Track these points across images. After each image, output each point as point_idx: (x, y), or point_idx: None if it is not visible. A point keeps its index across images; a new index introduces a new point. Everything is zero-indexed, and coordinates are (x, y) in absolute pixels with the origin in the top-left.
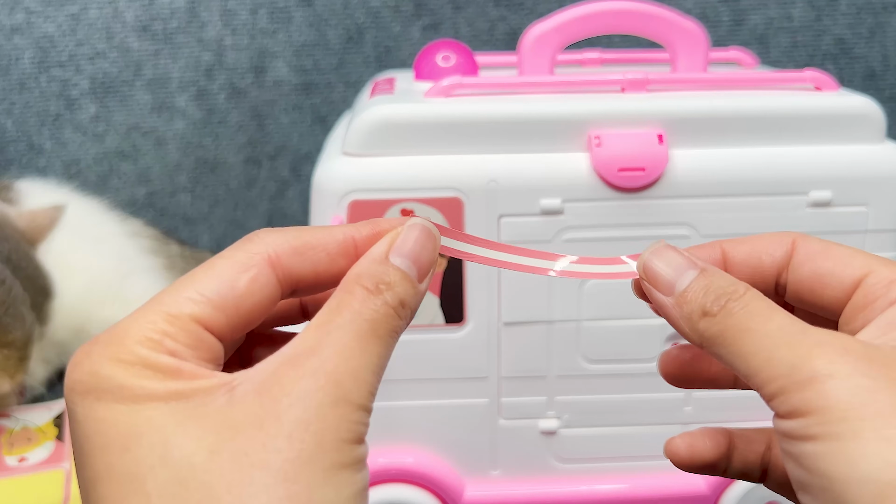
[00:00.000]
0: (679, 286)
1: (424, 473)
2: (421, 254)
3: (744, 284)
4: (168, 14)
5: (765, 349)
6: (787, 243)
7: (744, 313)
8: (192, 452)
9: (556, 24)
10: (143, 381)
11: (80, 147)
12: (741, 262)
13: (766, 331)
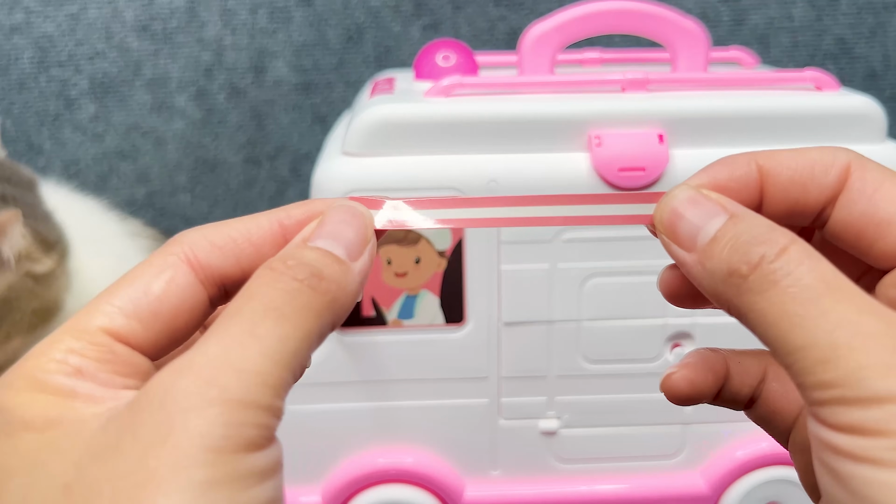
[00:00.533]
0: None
1: (424, 473)
2: (343, 232)
3: (787, 235)
4: (167, 14)
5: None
6: (840, 168)
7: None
8: (48, 488)
9: (557, 23)
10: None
11: (80, 147)
12: (781, 190)
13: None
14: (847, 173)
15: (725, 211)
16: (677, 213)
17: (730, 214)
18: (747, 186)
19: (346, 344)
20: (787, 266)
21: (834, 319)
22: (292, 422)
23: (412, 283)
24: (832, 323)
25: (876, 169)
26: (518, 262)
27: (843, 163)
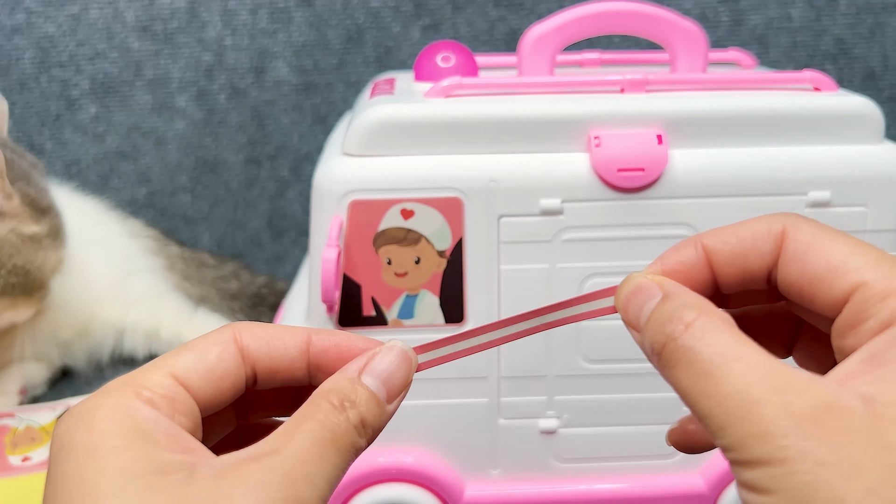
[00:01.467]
0: (642, 319)
1: (424, 473)
2: (393, 375)
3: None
4: (168, 14)
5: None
6: (776, 235)
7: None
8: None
9: (556, 24)
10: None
11: (81, 147)
12: (726, 265)
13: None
14: (783, 238)
15: (661, 292)
16: (627, 299)
17: (663, 295)
18: (696, 266)
19: None
20: (689, 342)
21: (725, 391)
22: None
23: (412, 282)
24: (724, 395)
25: (808, 229)
26: (518, 262)
27: (778, 229)
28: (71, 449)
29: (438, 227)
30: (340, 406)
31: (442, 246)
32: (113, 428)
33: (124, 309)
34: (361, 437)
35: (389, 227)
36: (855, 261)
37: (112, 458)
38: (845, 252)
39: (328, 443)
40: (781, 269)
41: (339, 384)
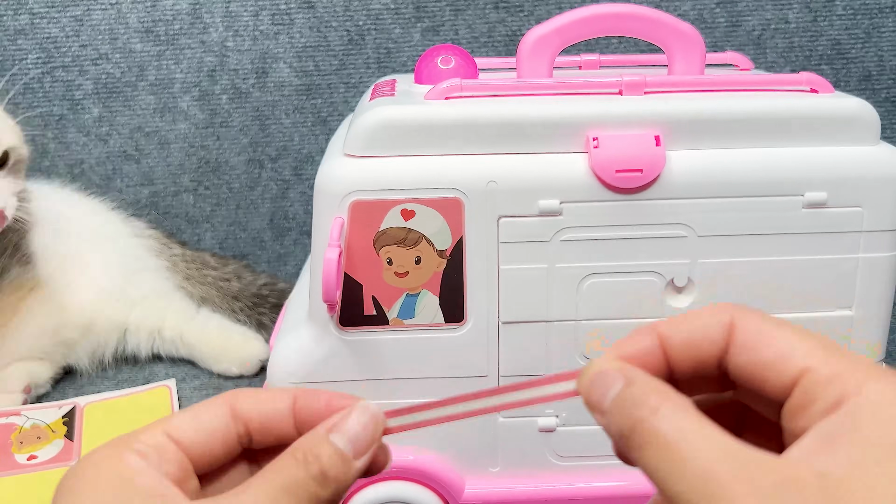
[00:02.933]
0: (606, 404)
1: (425, 470)
2: (360, 434)
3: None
4: (171, 17)
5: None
6: (725, 325)
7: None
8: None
9: (555, 26)
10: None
11: (84, 148)
12: (680, 352)
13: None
14: (732, 328)
15: (624, 378)
16: (590, 384)
17: (626, 381)
18: (652, 353)
19: (347, 343)
20: (656, 424)
21: (693, 471)
22: None
23: (412, 282)
24: (692, 474)
25: (755, 321)
26: (517, 262)
27: (727, 320)
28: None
29: (438, 228)
30: (303, 460)
31: (442, 246)
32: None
33: (127, 308)
34: (323, 488)
35: (390, 228)
36: (801, 347)
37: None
38: (792, 340)
39: (282, 491)
40: (732, 356)
41: (306, 441)
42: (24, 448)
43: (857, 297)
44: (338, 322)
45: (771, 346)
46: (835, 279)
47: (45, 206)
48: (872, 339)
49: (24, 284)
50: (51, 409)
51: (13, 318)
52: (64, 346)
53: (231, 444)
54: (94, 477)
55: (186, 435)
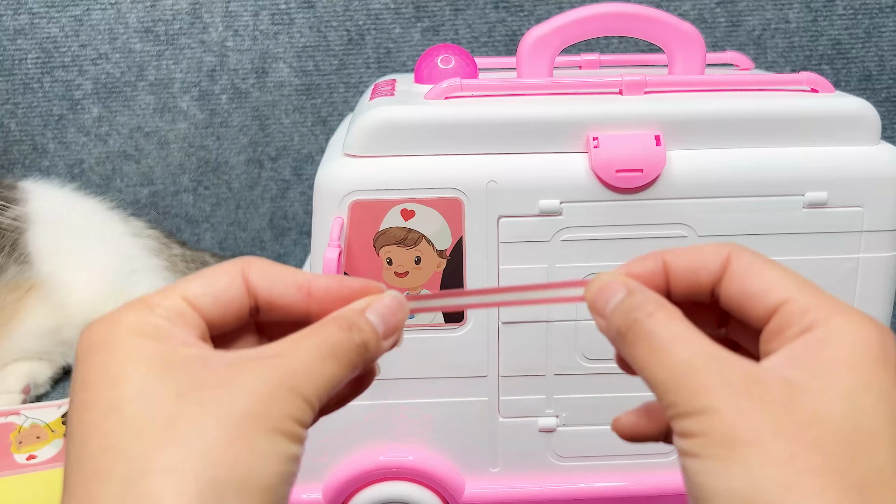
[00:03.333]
0: (609, 308)
1: (425, 471)
2: (391, 317)
3: (656, 304)
4: (171, 17)
5: (664, 381)
6: (723, 258)
7: (647, 339)
8: (165, 394)
9: (555, 26)
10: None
11: (84, 148)
12: (680, 276)
13: (666, 361)
14: (728, 262)
15: (626, 288)
16: (596, 292)
17: (628, 291)
18: (655, 274)
19: None
20: (650, 325)
21: (675, 362)
22: None
23: (413, 282)
24: (672, 364)
25: (749, 257)
26: (517, 262)
27: (725, 254)
28: (97, 346)
29: (438, 228)
30: (348, 328)
31: (442, 246)
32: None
33: None
34: (360, 356)
35: (390, 228)
36: (784, 282)
37: (134, 351)
38: (777, 276)
39: (329, 353)
40: (724, 286)
41: (347, 313)
42: (23, 448)
43: (858, 296)
44: None
45: (758, 280)
46: (835, 279)
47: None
48: None
49: (23, 284)
50: (50, 409)
51: (12, 317)
52: (63, 345)
53: (242, 314)
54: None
55: (202, 301)
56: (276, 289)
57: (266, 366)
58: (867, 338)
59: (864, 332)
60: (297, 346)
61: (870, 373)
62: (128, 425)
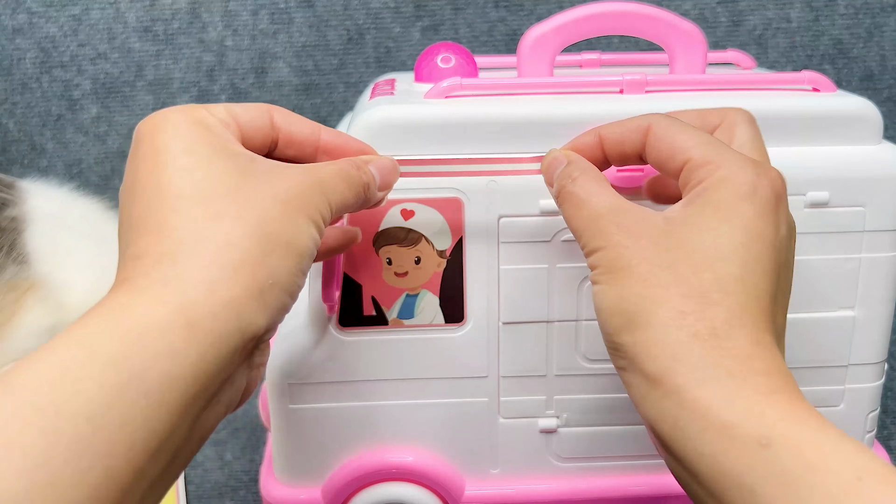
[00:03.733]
0: (554, 177)
1: (425, 472)
2: (387, 175)
3: (581, 170)
4: (169, 15)
5: (584, 231)
6: (644, 128)
7: (570, 200)
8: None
9: (556, 25)
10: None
11: (82, 148)
12: (612, 147)
13: (584, 216)
14: (648, 131)
15: (567, 160)
16: (547, 165)
17: (567, 162)
18: (594, 147)
19: (346, 344)
20: (572, 188)
21: (586, 213)
22: (293, 421)
23: (412, 282)
24: (585, 216)
25: (665, 124)
26: (517, 262)
27: (646, 125)
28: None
29: (438, 227)
30: (357, 168)
31: (442, 246)
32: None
33: None
34: (363, 193)
35: (390, 227)
36: (688, 143)
37: (188, 137)
38: (684, 138)
39: (345, 178)
40: (647, 152)
41: (355, 159)
42: None
43: (860, 296)
44: (337, 322)
45: (669, 144)
46: (837, 279)
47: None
48: (875, 339)
49: (21, 284)
50: None
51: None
52: None
53: (266, 144)
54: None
55: (243, 120)
56: (294, 129)
57: (302, 170)
58: (740, 179)
59: (741, 175)
60: (323, 166)
61: (734, 208)
62: (199, 185)
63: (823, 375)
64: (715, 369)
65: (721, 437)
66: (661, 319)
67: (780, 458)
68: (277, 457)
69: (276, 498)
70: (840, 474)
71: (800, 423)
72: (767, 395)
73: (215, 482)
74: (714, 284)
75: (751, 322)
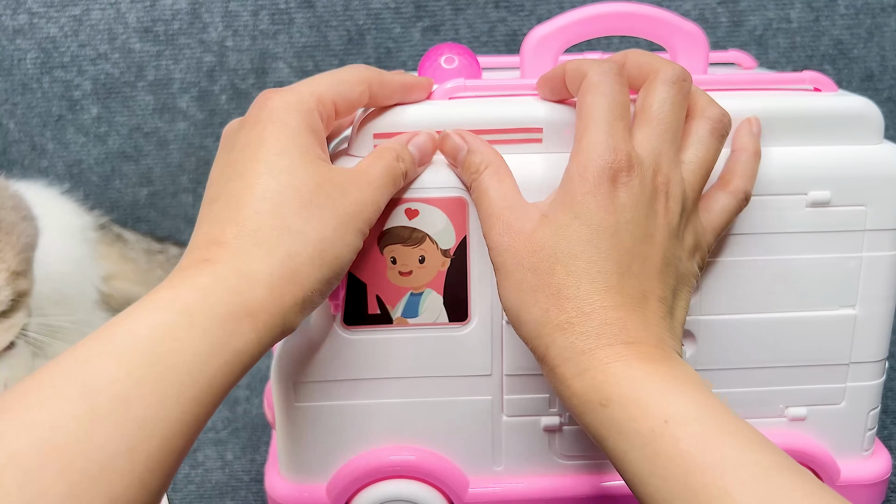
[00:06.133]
0: (459, 160)
1: (429, 469)
2: (425, 150)
3: (481, 160)
4: (170, 16)
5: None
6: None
7: (478, 191)
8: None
9: (559, 26)
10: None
11: (83, 148)
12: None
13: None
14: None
15: (468, 147)
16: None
17: (468, 149)
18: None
19: (351, 342)
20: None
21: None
22: (299, 419)
23: (417, 281)
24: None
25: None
26: None
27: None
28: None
29: (442, 227)
30: (398, 159)
31: (446, 245)
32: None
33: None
34: (402, 180)
35: (394, 227)
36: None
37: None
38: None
39: (389, 176)
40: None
41: (396, 146)
42: None
43: (861, 295)
44: (342, 321)
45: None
46: (838, 278)
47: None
48: (876, 338)
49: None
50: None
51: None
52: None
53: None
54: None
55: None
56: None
57: (362, 180)
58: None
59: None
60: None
61: (580, 204)
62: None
63: (824, 373)
64: (571, 351)
65: (580, 402)
66: (534, 317)
67: (614, 414)
68: (282, 454)
69: (282, 495)
70: (652, 419)
71: (631, 384)
72: (608, 363)
73: (216, 482)
74: (566, 280)
75: (599, 305)
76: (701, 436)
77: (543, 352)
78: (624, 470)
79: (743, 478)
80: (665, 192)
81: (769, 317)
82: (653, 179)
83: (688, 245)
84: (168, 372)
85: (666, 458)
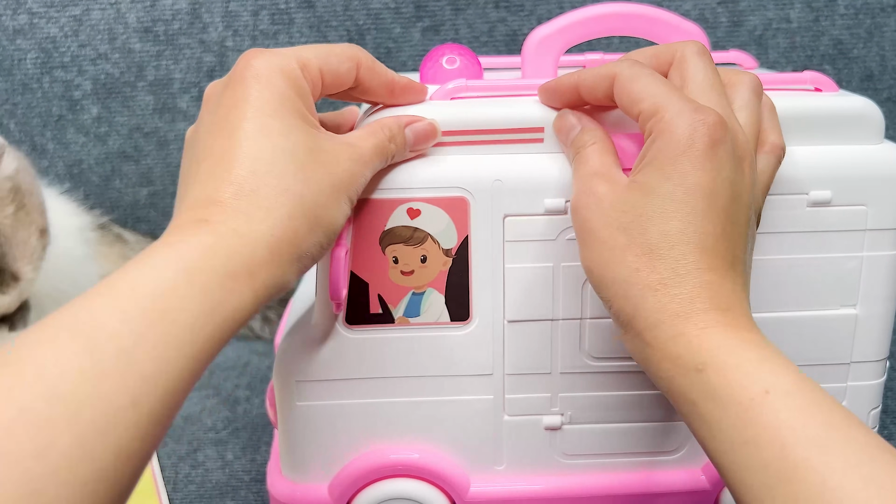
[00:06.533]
0: (570, 138)
1: (430, 468)
2: (422, 138)
3: (594, 139)
4: (170, 16)
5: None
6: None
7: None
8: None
9: (560, 26)
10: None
11: (83, 148)
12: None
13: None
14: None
15: (581, 126)
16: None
17: (581, 128)
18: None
19: (353, 341)
20: (582, 156)
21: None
22: (301, 418)
23: (418, 281)
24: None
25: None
26: (522, 260)
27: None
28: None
29: (444, 226)
30: (391, 139)
31: (448, 245)
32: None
33: None
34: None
35: (396, 226)
36: (641, 94)
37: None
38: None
39: (379, 155)
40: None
41: (393, 125)
42: None
43: (862, 295)
44: (344, 320)
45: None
46: (839, 277)
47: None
48: (876, 337)
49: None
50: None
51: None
52: None
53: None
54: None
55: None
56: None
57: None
58: (677, 134)
59: (678, 129)
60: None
61: (672, 165)
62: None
63: (825, 373)
64: (664, 313)
65: (672, 366)
66: (622, 276)
67: (710, 380)
68: (284, 454)
69: (284, 495)
70: (751, 388)
71: (728, 351)
72: (704, 328)
73: (216, 482)
74: (660, 240)
75: (694, 267)
76: (801, 409)
77: (631, 312)
78: (712, 437)
79: (846, 454)
80: (747, 153)
81: (770, 316)
82: (738, 141)
83: (757, 207)
84: (170, 329)
85: (762, 428)
